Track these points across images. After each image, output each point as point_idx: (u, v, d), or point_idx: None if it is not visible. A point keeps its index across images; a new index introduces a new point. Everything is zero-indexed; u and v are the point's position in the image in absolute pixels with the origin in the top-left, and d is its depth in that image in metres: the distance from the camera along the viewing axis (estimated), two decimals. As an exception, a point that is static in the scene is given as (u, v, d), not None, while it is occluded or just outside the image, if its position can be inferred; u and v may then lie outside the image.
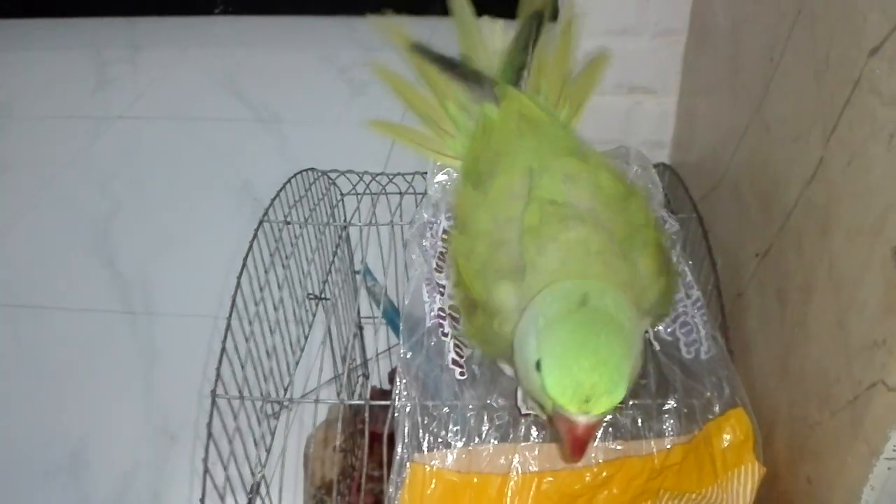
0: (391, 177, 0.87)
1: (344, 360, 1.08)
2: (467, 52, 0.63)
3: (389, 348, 1.18)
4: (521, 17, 0.62)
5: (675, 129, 0.93)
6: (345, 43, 2.21)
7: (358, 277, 1.08)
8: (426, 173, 0.73)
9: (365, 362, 1.16)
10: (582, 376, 0.39)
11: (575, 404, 0.39)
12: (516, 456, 0.54)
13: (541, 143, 0.53)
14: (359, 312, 1.12)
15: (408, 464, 0.57)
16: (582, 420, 0.40)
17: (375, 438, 1.11)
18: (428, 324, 0.63)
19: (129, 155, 1.88)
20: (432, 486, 0.54)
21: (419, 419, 0.59)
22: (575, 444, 0.41)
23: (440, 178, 0.71)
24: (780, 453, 0.54)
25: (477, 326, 0.52)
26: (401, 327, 0.63)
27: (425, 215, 0.69)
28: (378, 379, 1.17)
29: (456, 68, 0.61)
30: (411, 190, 0.85)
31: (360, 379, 1.15)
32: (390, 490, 0.57)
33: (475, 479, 0.54)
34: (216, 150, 1.87)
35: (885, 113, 0.39)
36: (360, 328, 1.12)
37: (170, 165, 1.83)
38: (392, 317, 0.98)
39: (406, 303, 0.65)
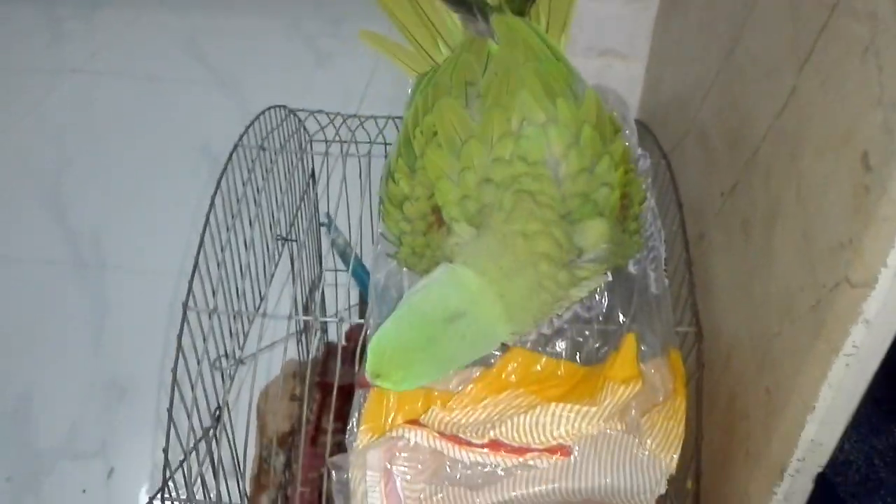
0: (363, 120, 0.87)
1: (306, 308, 1.08)
2: None
3: (350, 307, 1.18)
4: None
5: (643, 91, 0.96)
6: (311, 13, 2.19)
7: (322, 229, 1.09)
8: (399, 117, 0.74)
9: (319, 318, 1.16)
10: (383, 359, 0.48)
11: (369, 369, 0.48)
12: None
13: (540, 78, 0.53)
14: (321, 264, 1.12)
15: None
16: (369, 380, 0.49)
17: (328, 391, 1.11)
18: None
19: (84, 110, 1.84)
20: (392, 398, 0.55)
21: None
22: (358, 384, 0.52)
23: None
24: (740, 373, 0.57)
25: (429, 240, 0.53)
26: (369, 301, 0.62)
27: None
28: (337, 335, 1.17)
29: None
30: (381, 139, 0.86)
31: (318, 333, 1.15)
32: (355, 414, 0.58)
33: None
34: (175, 110, 1.84)
35: (860, 28, 0.42)
36: (321, 280, 1.12)
37: (125, 122, 1.79)
38: (360, 275, 0.98)
39: (378, 246, 0.65)
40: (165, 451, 0.58)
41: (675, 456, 0.54)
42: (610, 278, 0.58)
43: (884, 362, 0.45)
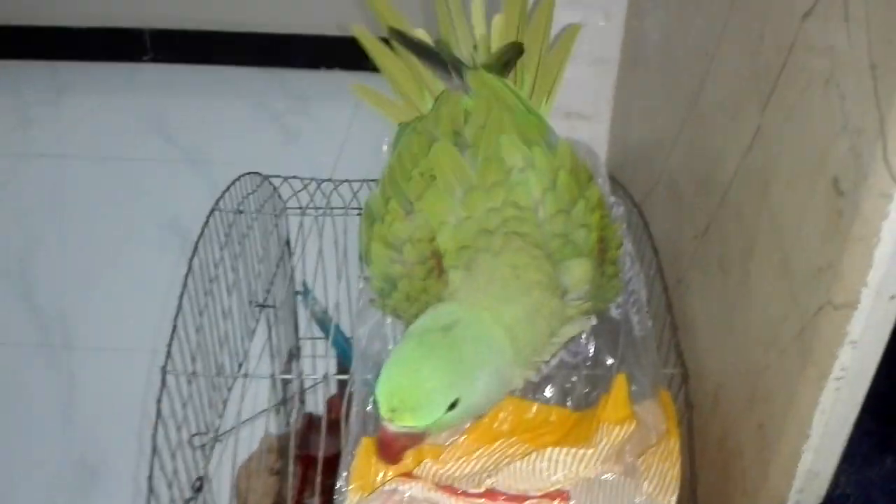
0: (337, 184, 0.88)
1: (284, 384, 1.06)
2: (445, 36, 0.65)
3: (327, 376, 1.16)
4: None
5: (609, 148, 0.99)
6: (277, 92, 2.23)
7: (299, 298, 1.08)
8: (374, 181, 0.75)
9: (302, 388, 1.14)
10: (395, 388, 0.45)
11: (383, 410, 0.45)
12: None
13: (516, 128, 0.55)
14: (297, 332, 1.11)
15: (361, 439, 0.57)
16: (390, 427, 0.45)
17: (311, 464, 1.08)
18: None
19: (51, 193, 1.83)
20: None
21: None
22: (382, 446, 0.48)
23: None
24: (729, 411, 0.57)
25: (427, 286, 0.52)
26: (353, 356, 0.61)
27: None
28: (315, 405, 1.15)
29: (432, 55, 0.62)
30: (355, 203, 0.86)
31: (298, 404, 1.13)
32: (343, 473, 0.56)
33: None
34: (143, 189, 1.84)
35: (820, 62, 0.44)
36: (299, 349, 1.10)
37: (93, 203, 1.78)
38: (340, 343, 0.97)
39: (360, 302, 0.64)
40: (145, 523, 0.56)
41: (672, 499, 0.53)
42: (595, 322, 0.58)
43: (868, 393, 0.46)
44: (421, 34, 0.65)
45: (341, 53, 2.26)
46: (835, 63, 0.42)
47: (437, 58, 0.62)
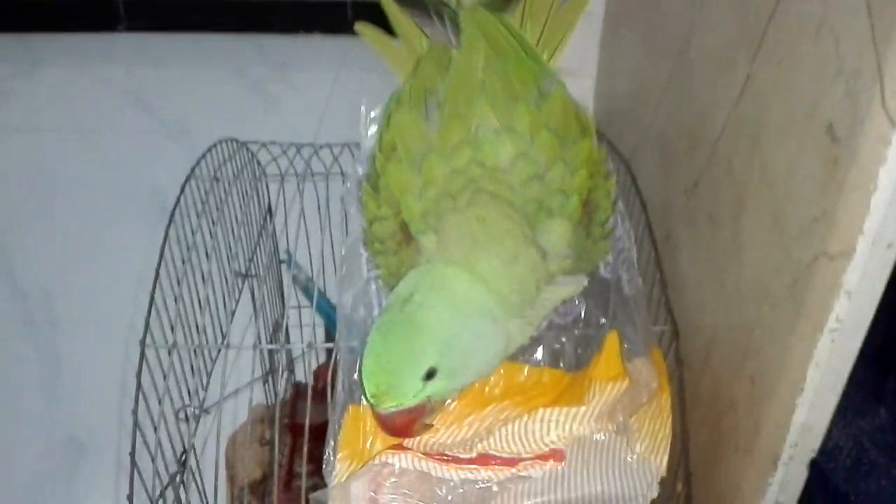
0: (317, 148, 0.86)
1: (271, 354, 1.05)
2: None
3: (312, 344, 1.16)
4: None
5: (595, 104, 0.97)
6: (256, 59, 2.19)
7: (283, 266, 1.06)
8: (357, 144, 0.73)
9: (290, 358, 1.13)
10: (370, 374, 0.45)
11: (368, 396, 0.45)
12: None
13: (502, 80, 0.52)
14: (283, 301, 1.09)
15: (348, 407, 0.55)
16: (380, 410, 0.45)
17: (299, 432, 1.07)
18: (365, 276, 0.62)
19: (29, 167, 1.79)
20: (370, 422, 0.53)
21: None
22: (384, 427, 0.47)
23: (373, 129, 0.70)
24: (720, 367, 0.56)
25: (402, 258, 0.51)
26: (338, 323, 0.59)
27: (360, 170, 0.69)
28: (304, 374, 1.14)
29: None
30: (337, 168, 0.84)
31: (285, 374, 1.12)
32: (330, 442, 0.55)
33: None
34: (121, 161, 1.81)
35: (811, 6, 0.42)
36: (284, 318, 1.09)
37: (71, 176, 1.75)
38: (325, 309, 0.96)
39: (343, 268, 0.63)
40: (130, 497, 0.55)
41: (664, 458, 0.52)
42: (586, 283, 0.57)
43: (862, 344, 0.45)
44: None
45: (321, 17, 2.22)
46: (828, 5, 0.41)
47: (421, 2, 0.58)
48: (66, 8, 2.34)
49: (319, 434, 0.59)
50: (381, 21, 0.63)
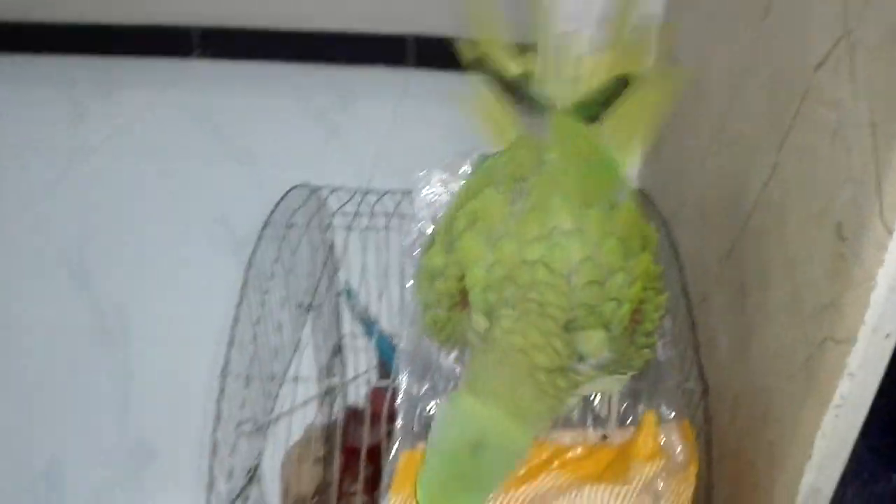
0: (380, 195, 0.93)
1: (329, 371, 1.12)
2: (542, 67, 0.62)
3: (368, 371, 1.23)
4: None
5: (642, 162, 1.02)
6: (321, 89, 2.29)
7: (342, 298, 1.13)
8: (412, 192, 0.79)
9: (344, 382, 1.20)
10: (430, 496, 0.47)
11: None
12: None
13: (579, 184, 0.54)
14: (339, 329, 1.17)
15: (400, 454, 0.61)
16: None
17: (352, 454, 1.14)
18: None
19: (103, 187, 1.91)
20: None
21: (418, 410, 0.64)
22: None
23: (426, 192, 0.76)
24: (744, 427, 0.61)
25: (451, 316, 0.55)
26: (399, 358, 0.64)
27: (416, 227, 0.75)
28: (356, 398, 1.21)
29: (517, 90, 0.62)
30: (395, 217, 0.91)
31: (340, 398, 1.19)
32: (384, 480, 0.61)
33: None
34: (192, 186, 1.91)
35: (828, 115, 0.48)
36: (341, 346, 1.16)
37: (144, 197, 1.87)
38: (384, 347, 1.02)
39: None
40: (209, 511, 0.62)
41: None
42: (620, 387, 0.61)
43: (878, 413, 0.50)
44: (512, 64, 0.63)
45: (383, 49, 2.32)
46: (841, 116, 0.46)
47: (521, 94, 0.62)
48: (143, 34, 2.49)
49: (373, 456, 0.64)
50: (442, 56, 0.68)
